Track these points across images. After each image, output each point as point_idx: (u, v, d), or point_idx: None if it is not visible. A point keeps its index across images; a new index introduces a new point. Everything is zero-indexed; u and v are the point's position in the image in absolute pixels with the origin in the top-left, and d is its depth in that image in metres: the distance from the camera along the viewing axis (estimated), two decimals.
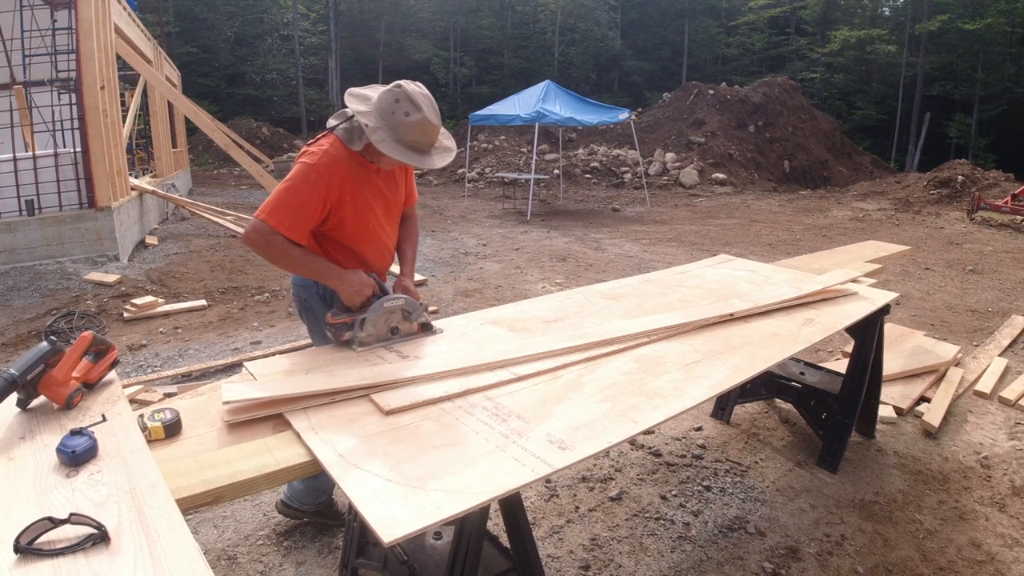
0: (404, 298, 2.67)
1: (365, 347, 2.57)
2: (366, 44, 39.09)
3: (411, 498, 1.60)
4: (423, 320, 2.75)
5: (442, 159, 2.58)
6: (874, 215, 15.32)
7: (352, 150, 2.57)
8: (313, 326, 2.99)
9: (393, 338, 2.66)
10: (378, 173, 2.71)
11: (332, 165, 2.53)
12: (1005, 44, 34.61)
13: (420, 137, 2.47)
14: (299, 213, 2.50)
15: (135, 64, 11.71)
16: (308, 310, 2.95)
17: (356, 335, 2.57)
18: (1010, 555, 3.20)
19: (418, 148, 2.49)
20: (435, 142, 2.57)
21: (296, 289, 2.96)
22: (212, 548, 3.15)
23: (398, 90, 2.45)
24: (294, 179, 2.51)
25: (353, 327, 2.57)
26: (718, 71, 40.11)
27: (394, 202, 2.86)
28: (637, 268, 9.29)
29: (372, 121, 2.42)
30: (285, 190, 2.51)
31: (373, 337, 2.60)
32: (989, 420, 4.65)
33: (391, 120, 2.43)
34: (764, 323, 3.08)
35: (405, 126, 2.43)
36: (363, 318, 2.57)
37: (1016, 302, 7.81)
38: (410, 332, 2.71)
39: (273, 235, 2.48)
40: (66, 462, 1.63)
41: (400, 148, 2.44)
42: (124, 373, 5.28)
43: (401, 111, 2.42)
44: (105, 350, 2.09)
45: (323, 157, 2.52)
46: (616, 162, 22.12)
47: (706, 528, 3.38)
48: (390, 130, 2.43)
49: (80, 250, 8.38)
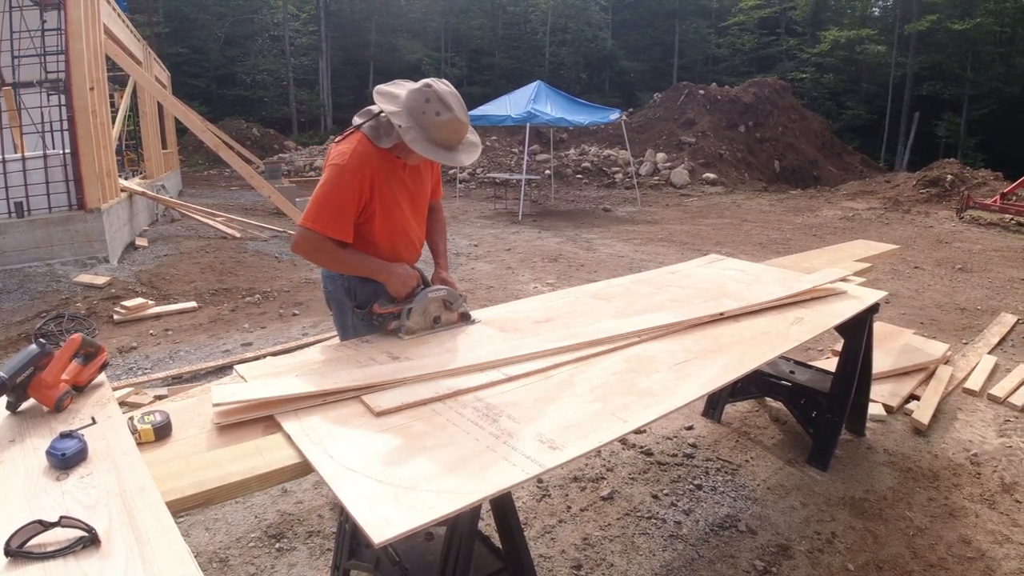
0: (446, 289, 2.82)
1: (411, 335, 2.71)
2: (357, 44, 39.02)
3: (402, 499, 1.60)
4: (462, 310, 2.90)
5: (469, 156, 2.64)
6: (864, 214, 15.39)
7: (379, 147, 2.63)
8: (338, 316, 3.06)
9: (436, 327, 2.81)
10: (404, 168, 2.77)
11: (361, 163, 2.59)
12: (994, 44, 34.85)
13: (450, 136, 2.54)
14: (340, 214, 2.59)
15: (124, 65, 11.65)
16: (334, 301, 3.02)
17: (403, 323, 2.71)
18: (1000, 551, 3.22)
19: (447, 146, 2.56)
20: (463, 139, 2.64)
21: (324, 281, 3.03)
22: (203, 550, 3.15)
23: (428, 90, 2.51)
24: (329, 182, 2.58)
25: (400, 316, 2.72)
26: (709, 71, 40.19)
27: (420, 196, 2.92)
28: (628, 268, 9.31)
29: (404, 121, 2.48)
30: (323, 195, 2.58)
31: (419, 325, 2.75)
32: (978, 417, 4.68)
33: (422, 120, 2.48)
34: (754, 322, 3.09)
35: (436, 125, 2.49)
36: (409, 308, 2.71)
37: (1005, 300, 7.86)
38: (451, 321, 2.86)
39: (322, 241, 2.59)
40: (56, 465, 1.62)
41: (431, 147, 2.51)
42: (114, 375, 5.25)
43: (432, 111, 2.48)
44: (94, 352, 2.08)
45: (352, 156, 2.58)
46: (607, 162, 22.15)
47: (697, 527, 3.39)
48: (421, 129, 2.49)
49: (69, 252, 8.34)
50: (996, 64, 34.59)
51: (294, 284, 8.33)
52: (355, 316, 2.86)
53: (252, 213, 14.24)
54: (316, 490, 3.64)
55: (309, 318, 6.93)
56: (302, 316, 7.01)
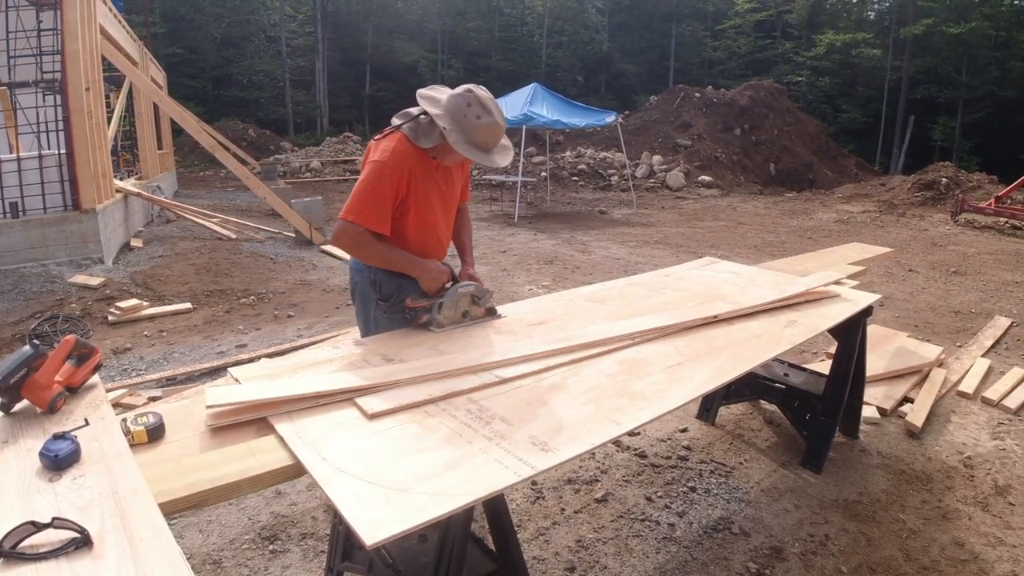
0: (474, 285, 2.95)
1: (441, 328, 2.83)
2: (353, 46, 38.99)
3: (394, 501, 1.60)
4: (489, 305, 3.03)
5: (504, 158, 2.79)
6: (859, 217, 15.43)
7: (418, 147, 2.75)
8: (361, 309, 3.13)
9: (464, 321, 2.93)
10: (437, 169, 2.88)
11: (401, 160, 2.70)
12: (989, 48, 35.01)
13: (488, 138, 2.70)
14: (380, 208, 2.70)
15: (120, 65, 11.65)
16: (359, 294, 3.10)
17: (434, 317, 2.83)
18: (993, 554, 3.23)
19: (485, 148, 2.71)
20: (499, 143, 2.79)
21: (352, 274, 3.13)
22: (197, 552, 3.15)
23: (470, 95, 2.67)
24: (370, 178, 2.69)
25: (431, 311, 2.83)
26: (705, 74, 40.23)
27: (451, 197, 3.04)
28: (624, 270, 9.32)
29: (447, 123, 2.63)
30: (364, 190, 2.69)
31: (448, 320, 2.87)
32: (972, 420, 4.69)
33: (463, 122, 2.64)
34: (747, 325, 3.10)
35: (476, 128, 2.65)
36: (440, 302, 2.84)
37: (999, 303, 7.89)
38: (478, 316, 2.99)
39: (363, 234, 2.71)
40: (49, 466, 1.62)
41: (470, 148, 2.67)
42: (109, 377, 5.25)
43: (473, 114, 2.64)
44: (88, 354, 2.08)
45: (393, 154, 2.70)
46: (603, 165, 22.16)
47: (691, 529, 3.40)
48: (462, 132, 2.65)
49: (64, 253, 8.32)
50: (991, 68, 34.73)
51: (289, 286, 8.33)
52: (378, 308, 2.97)
53: (248, 214, 14.23)
54: (310, 492, 3.64)
55: (304, 319, 6.93)
56: (297, 318, 7.01)
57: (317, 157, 25.61)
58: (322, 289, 8.23)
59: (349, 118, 37.86)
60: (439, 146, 2.74)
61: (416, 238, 2.89)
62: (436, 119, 2.64)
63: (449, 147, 2.68)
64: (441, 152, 2.78)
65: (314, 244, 10.92)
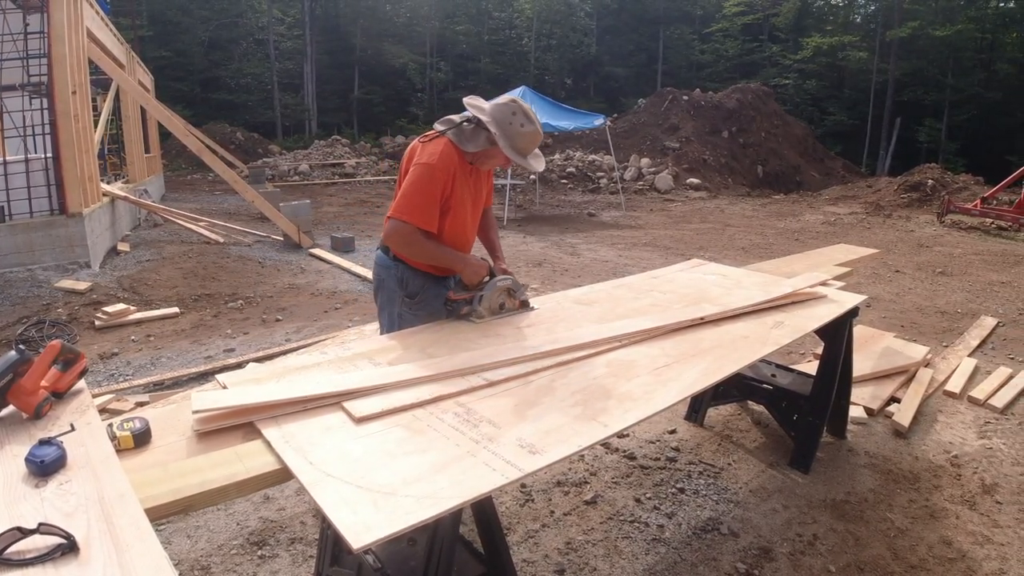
0: (511, 279, 3.16)
1: (481, 319, 3.03)
2: (342, 49, 38.88)
3: (381, 504, 1.60)
4: (523, 298, 3.23)
5: (539, 163, 3.09)
6: (846, 219, 15.51)
7: (460, 152, 2.96)
8: (385, 306, 3.24)
9: (502, 312, 3.13)
10: (471, 173, 3.08)
11: (447, 162, 2.90)
12: (975, 50, 35.27)
13: (528, 144, 2.97)
14: (430, 207, 2.90)
15: (107, 68, 11.59)
16: (384, 291, 3.22)
17: (475, 309, 3.04)
18: (981, 552, 3.26)
19: (524, 153, 2.98)
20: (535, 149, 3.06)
21: (378, 271, 3.26)
22: (185, 558, 3.13)
23: (515, 104, 2.95)
24: (419, 179, 2.87)
25: (472, 303, 3.04)
26: (692, 77, 40.31)
27: (479, 200, 3.24)
28: (612, 272, 9.34)
29: (496, 129, 2.88)
30: (414, 190, 2.87)
31: (488, 311, 3.06)
32: (959, 419, 4.73)
33: (508, 129, 2.90)
34: (734, 326, 3.11)
35: (520, 135, 2.92)
36: (481, 295, 3.04)
37: (985, 303, 7.95)
38: (513, 308, 3.19)
39: (413, 233, 2.89)
40: (35, 472, 1.62)
41: (513, 152, 2.93)
42: (95, 382, 5.22)
43: (517, 122, 2.91)
44: (74, 359, 2.07)
45: (440, 156, 2.88)
46: (592, 167, 22.22)
47: (680, 530, 3.41)
48: (507, 137, 2.90)
49: (51, 257, 8.27)
50: (977, 70, 34.96)
51: (277, 289, 8.30)
52: (403, 305, 3.13)
53: (235, 218, 14.18)
54: (298, 496, 3.63)
55: (292, 323, 6.91)
56: (285, 322, 6.99)
57: (305, 160, 25.52)
58: (311, 293, 8.21)
59: (338, 121, 37.75)
60: (480, 152, 2.97)
61: (450, 236, 3.06)
62: (488, 124, 2.88)
63: (489, 153, 2.96)
64: (481, 157, 3.02)
65: (302, 247, 10.89)
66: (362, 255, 10.58)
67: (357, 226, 13.69)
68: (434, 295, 3.15)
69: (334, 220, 14.65)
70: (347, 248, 10.91)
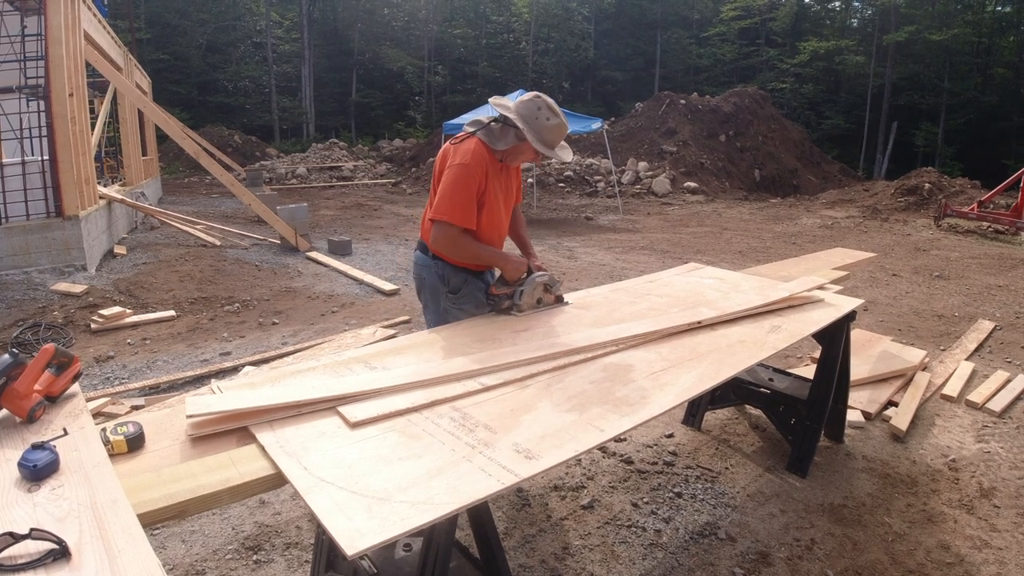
0: (548, 274, 3.33)
1: (522, 312, 3.21)
2: (340, 52, 38.91)
3: (375, 510, 1.59)
4: (559, 292, 3.40)
5: (567, 154, 3.21)
6: (842, 223, 15.53)
7: (491, 150, 3.11)
8: (431, 302, 3.38)
9: (539, 306, 3.31)
10: (501, 171, 3.22)
11: (480, 161, 3.04)
12: (971, 54, 35.35)
13: (555, 137, 3.11)
14: (469, 205, 3.05)
15: (105, 71, 11.56)
16: (428, 288, 3.36)
17: (515, 303, 3.21)
18: (979, 556, 3.25)
19: (551, 145, 3.11)
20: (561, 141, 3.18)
21: (418, 268, 3.40)
22: (180, 563, 3.11)
23: (539, 100, 3.08)
24: (456, 179, 3.02)
25: (513, 297, 3.21)
26: (690, 81, 40.42)
27: (509, 197, 3.38)
28: (609, 276, 9.34)
29: (523, 124, 3.03)
30: (454, 191, 3.02)
31: (527, 305, 3.24)
32: (956, 423, 4.72)
33: (534, 124, 3.04)
34: (731, 330, 3.11)
35: (547, 128, 3.06)
36: (521, 290, 3.21)
37: (982, 307, 7.95)
38: (549, 302, 3.36)
39: (460, 235, 3.07)
40: (28, 476, 1.61)
41: (541, 145, 3.06)
42: (91, 385, 5.20)
43: (543, 116, 3.05)
44: (68, 363, 2.06)
45: (473, 156, 3.03)
46: (589, 171, 22.22)
47: (677, 535, 3.40)
48: (534, 132, 3.04)
49: (47, 260, 8.25)
50: (973, 74, 35.08)
51: (274, 293, 8.28)
52: (446, 300, 3.29)
53: (233, 221, 14.16)
54: (294, 501, 3.62)
55: (289, 327, 6.89)
56: (282, 325, 6.98)
57: (303, 163, 25.54)
58: (307, 296, 8.20)
59: (335, 124, 37.80)
60: (510, 149, 3.11)
61: (486, 233, 3.20)
62: (516, 121, 3.02)
63: (518, 149, 3.12)
64: (511, 154, 3.17)
65: (299, 251, 10.88)
66: (359, 258, 10.57)
67: (354, 229, 13.68)
68: (475, 288, 3.31)
69: (331, 223, 14.64)
70: (344, 251, 10.90)
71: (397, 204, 18.59)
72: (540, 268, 3.33)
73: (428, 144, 27.42)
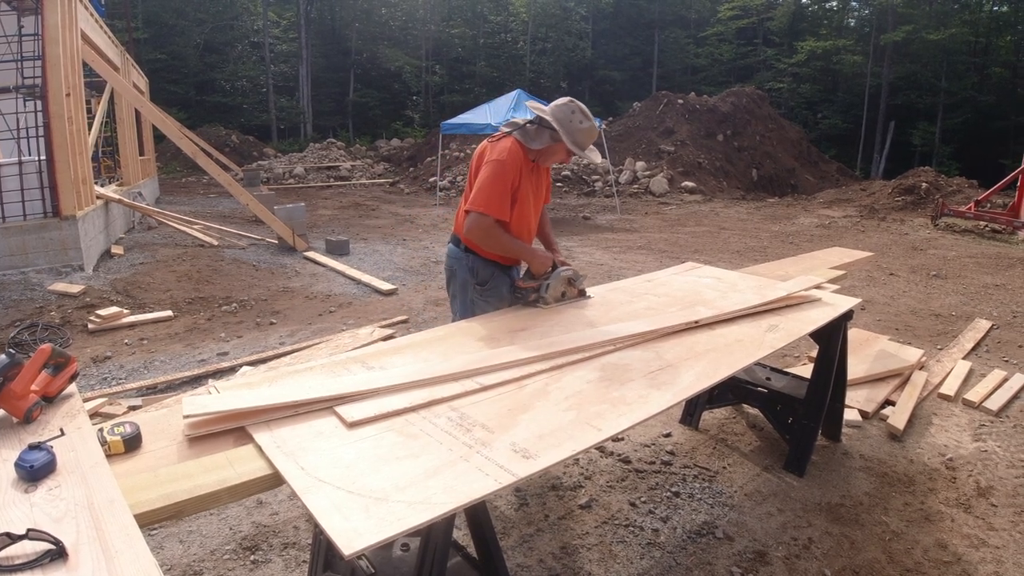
0: (572, 269, 3.46)
1: (547, 305, 3.35)
2: (337, 52, 38.86)
3: (372, 510, 1.59)
4: (582, 287, 3.54)
5: (596, 156, 3.40)
6: (840, 222, 15.55)
7: (526, 150, 3.28)
8: (460, 294, 3.54)
9: (563, 299, 3.45)
10: (533, 171, 3.39)
11: (516, 159, 3.22)
12: (968, 54, 35.35)
13: (587, 139, 3.29)
14: (504, 199, 3.21)
15: (102, 71, 11.54)
16: (458, 280, 3.52)
17: (542, 295, 3.35)
18: (976, 555, 3.26)
19: (583, 147, 3.29)
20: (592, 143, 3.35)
21: (450, 260, 3.57)
22: (177, 563, 3.11)
23: (573, 104, 3.27)
24: (494, 175, 3.18)
25: (539, 290, 3.35)
26: (687, 81, 40.40)
27: (539, 196, 3.55)
28: (607, 276, 9.34)
29: (559, 127, 3.21)
30: (491, 185, 3.17)
31: (553, 298, 3.38)
32: (953, 422, 4.73)
33: (568, 126, 3.23)
34: (728, 330, 3.11)
35: (580, 131, 3.25)
36: (547, 283, 3.35)
37: (979, 306, 7.96)
38: (572, 296, 3.50)
39: (493, 226, 3.21)
40: (24, 477, 1.61)
41: (575, 147, 3.25)
42: (88, 385, 5.20)
43: (577, 120, 3.24)
44: (64, 363, 2.06)
45: (510, 153, 3.21)
46: (587, 171, 22.20)
47: (675, 534, 3.40)
48: (568, 134, 3.22)
49: (44, 260, 8.24)
50: (971, 73, 35.09)
51: (271, 293, 8.28)
52: (475, 292, 3.45)
53: (230, 221, 14.13)
54: (292, 501, 3.61)
55: (287, 327, 6.89)
56: (279, 325, 6.97)
57: (301, 163, 25.49)
58: (305, 296, 8.19)
59: (333, 124, 37.74)
60: (544, 149, 3.29)
61: (516, 225, 3.36)
62: (551, 123, 3.20)
63: (551, 150, 3.29)
64: (544, 154, 3.35)
65: (297, 251, 10.87)
66: (356, 258, 10.56)
67: (352, 229, 13.67)
68: (502, 282, 3.46)
69: (329, 223, 14.62)
70: (342, 251, 10.89)
71: (395, 204, 18.57)
72: (564, 263, 3.46)
73: (426, 144, 27.38)
